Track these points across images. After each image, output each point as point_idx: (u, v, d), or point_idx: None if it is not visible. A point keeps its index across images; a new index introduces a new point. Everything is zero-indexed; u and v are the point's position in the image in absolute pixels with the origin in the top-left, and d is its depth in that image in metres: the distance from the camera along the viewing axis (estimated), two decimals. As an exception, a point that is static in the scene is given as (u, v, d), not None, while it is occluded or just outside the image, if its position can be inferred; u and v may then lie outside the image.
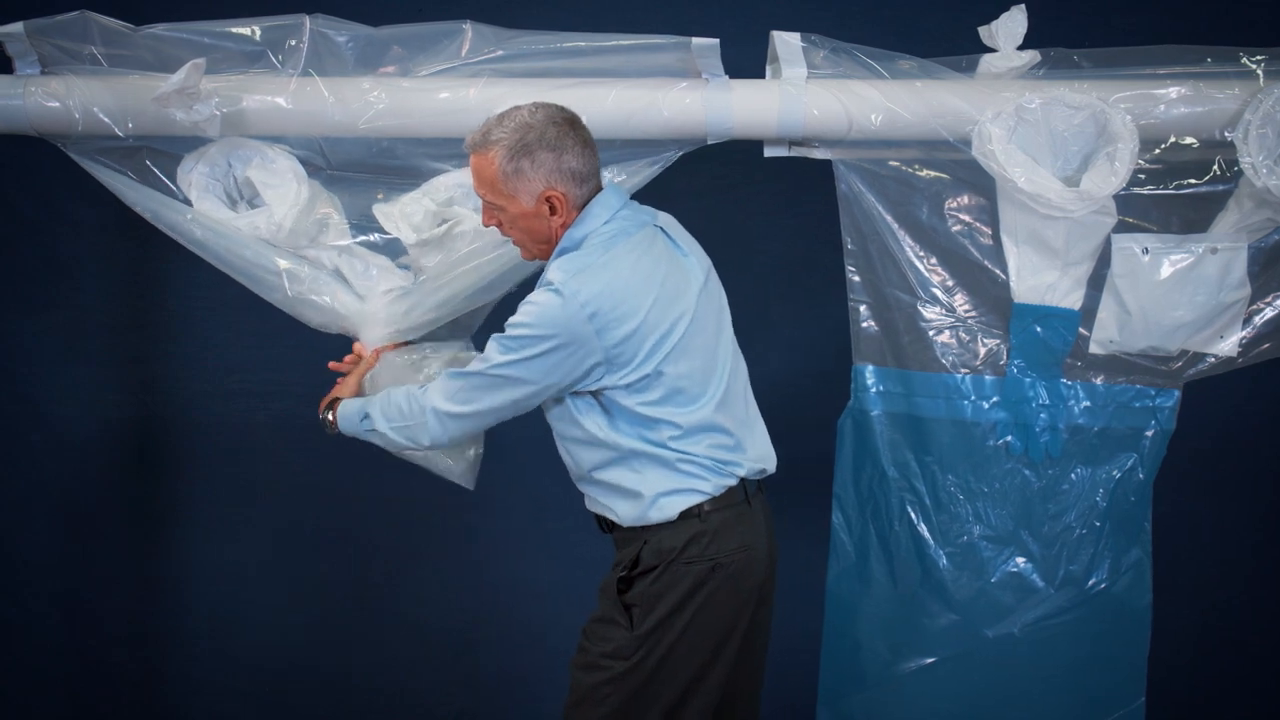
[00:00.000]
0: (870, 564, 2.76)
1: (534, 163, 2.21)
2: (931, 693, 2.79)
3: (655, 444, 2.28)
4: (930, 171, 2.62)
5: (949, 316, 2.68)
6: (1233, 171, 2.53)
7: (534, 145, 2.21)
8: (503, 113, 2.26)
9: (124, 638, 3.42)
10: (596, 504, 2.40)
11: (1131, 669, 2.79)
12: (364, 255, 2.60)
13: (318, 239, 2.60)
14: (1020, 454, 2.70)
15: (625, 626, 2.31)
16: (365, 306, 2.56)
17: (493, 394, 2.27)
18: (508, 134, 2.21)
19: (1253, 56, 2.53)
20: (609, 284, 2.19)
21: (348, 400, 2.50)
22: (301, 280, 2.55)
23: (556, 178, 2.23)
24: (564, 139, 2.23)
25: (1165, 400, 2.69)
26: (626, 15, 2.75)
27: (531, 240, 2.32)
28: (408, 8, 2.68)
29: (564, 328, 2.17)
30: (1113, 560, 2.73)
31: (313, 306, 2.57)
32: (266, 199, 2.56)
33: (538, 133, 2.21)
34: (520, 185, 2.22)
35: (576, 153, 2.24)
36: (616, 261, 2.23)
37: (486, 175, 2.24)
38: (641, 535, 2.33)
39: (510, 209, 2.26)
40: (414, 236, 2.53)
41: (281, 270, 2.54)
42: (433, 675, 3.47)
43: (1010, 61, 2.55)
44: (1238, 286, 2.60)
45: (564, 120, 2.25)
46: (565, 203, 2.25)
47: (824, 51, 2.55)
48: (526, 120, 2.22)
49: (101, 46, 2.48)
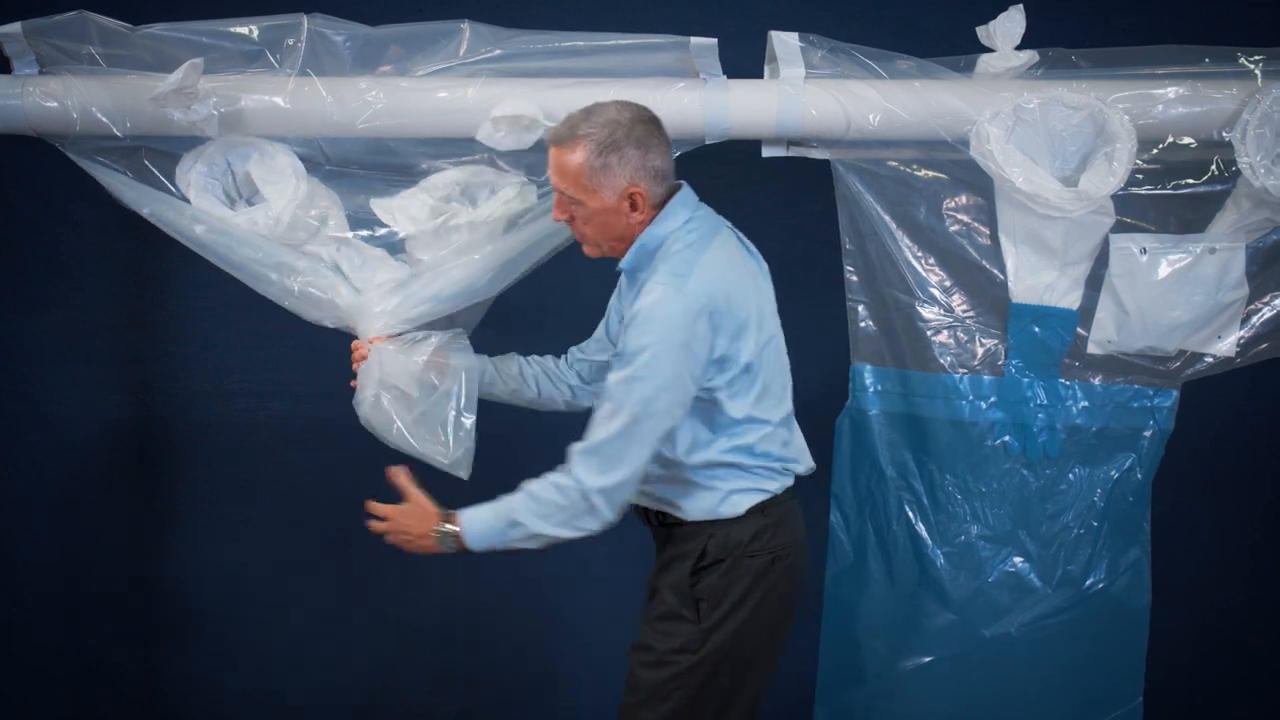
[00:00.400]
0: (868, 563, 2.77)
1: (621, 159, 2.22)
2: (929, 692, 2.79)
3: (740, 448, 2.33)
4: (928, 171, 2.62)
5: (947, 316, 2.68)
6: (1230, 171, 2.53)
7: (622, 142, 2.21)
8: (588, 108, 2.26)
9: (124, 638, 3.42)
10: (655, 500, 2.41)
11: (1129, 669, 2.79)
12: (361, 248, 2.61)
13: (317, 234, 2.60)
14: (1018, 454, 2.70)
15: (692, 620, 2.34)
16: (360, 299, 2.57)
17: (639, 438, 2.21)
18: (596, 129, 2.22)
19: (1250, 56, 2.54)
20: (719, 282, 2.23)
21: (472, 514, 2.32)
22: (300, 274, 2.54)
23: (641, 175, 2.24)
24: (650, 137, 2.25)
25: (1163, 400, 2.69)
26: (625, 15, 2.75)
27: (605, 236, 2.31)
28: (406, 7, 2.68)
29: (688, 328, 2.17)
30: (1111, 560, 2.73)
31: (310, 300, 2.56)
32: (265, 194, 2.56)
33: (625, 130, 2.22)
34: (605, 180, 2.23)
35: (660, 152, 2.26)
36: (717, 260, 2.26)
37: (571, 169, 2.23)
38: (707, 530, 2.35)
39: (590, 204, 2.25)
40: (411, 228, 2.54)
41: (279, 264, 2.54)
42: (434, 675, 3.47)
43: (1008, 61, 2.55)
44: (1236, 286, 2.60)
45: (650, 119, 2.27)
46: (646, 200, 2.26)
47: (822, 51, 2.55)
48: (614, 117, 2.23)
49: (100, 46, 2.48)
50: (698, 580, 2.35)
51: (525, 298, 2.69)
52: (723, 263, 2.27)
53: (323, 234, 2.60)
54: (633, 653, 2.42)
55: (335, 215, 2.61)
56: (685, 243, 2.27)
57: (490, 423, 2.48)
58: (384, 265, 2.60)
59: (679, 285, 2.18)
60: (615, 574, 3.37)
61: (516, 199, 2.58)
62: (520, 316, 2.86)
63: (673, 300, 2.17)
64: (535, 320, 2.97)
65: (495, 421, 2.44)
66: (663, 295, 2.18)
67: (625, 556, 3.37)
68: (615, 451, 2.20)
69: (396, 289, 2.56)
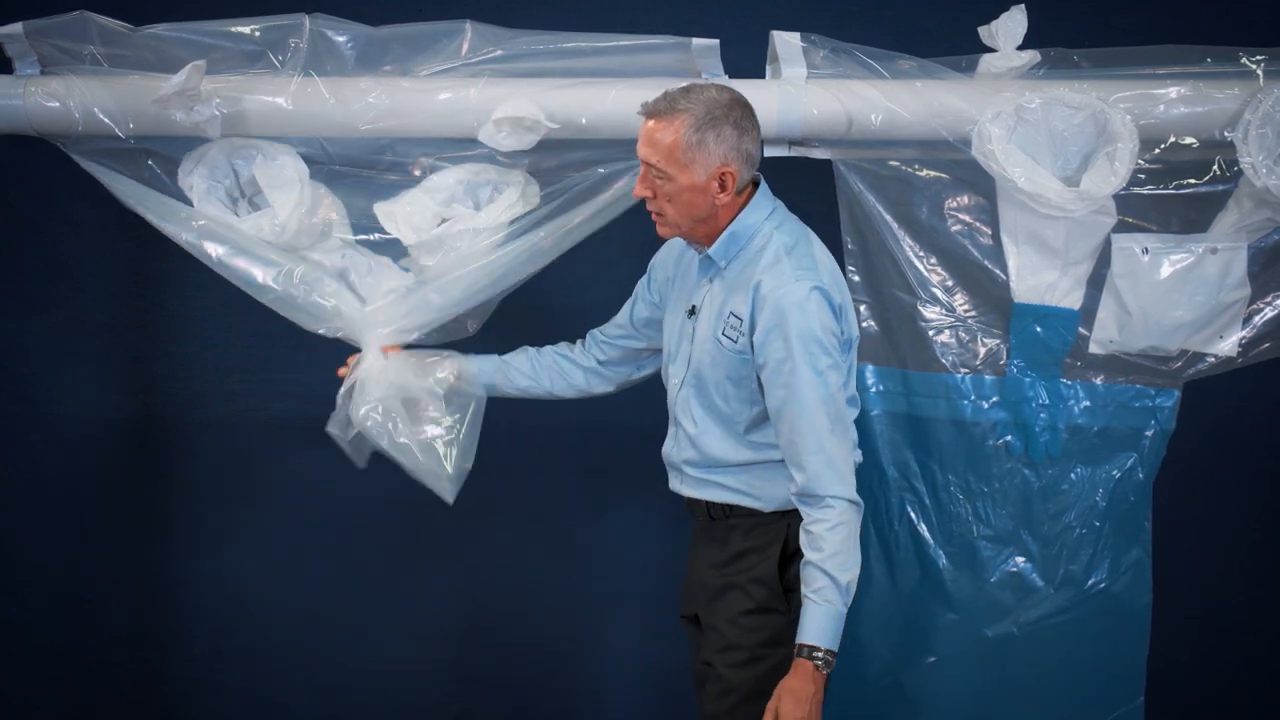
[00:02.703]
0: (870, 563, 2.76)
1: (718, 137, 2.21)
2: (931, 692, 2.79)
3: None
4: (930, 171, 2.62)
5: (949, 316, 2.68)
6: (1232, 171, 2.53)
7: (721, 120, 2.21)
8: (686, 86, 2.25)
9: (124, 638, 3.42)
10: (729, 491, 2.39)
11: (1131, 668, 2.79)
12: (367, 254, 2.61)
13: (321, 241, 2.60)
14: (1020, 454, 2.70)
15: (784, 612, 2.33)
16: (366, 309, 2.56)
17: (843, 430, 2.27)
18: (695, 105, 2.21)
19: (1252, 56, 2.54)
20: (834, 270, 2.33)
21: (817, 629, 2.21)
22: (304, 282, 2.54)
23: (735, 156, 2.23)
24: (745, 120, 2.25)
25: (1165, 400, 2.69)
26: (626, 15, 2.75)
27: (687, 216, 2.28)
28: (408, 7, 2.68)
29: (834, 318, 2.25)
30: (1112, 560, 2.73)
31: (315, 308, 2.56)
32: (270, 199, 2.56)
33: (724, 109, 2.22)
34: (699, 157, 2.21)
35: (753, 137, 2.26)
36: (822, 252, 2.34)
37: (665, 142, 2.21)
38: (785, 519, 2.35)
39: (681, 179, 2.23)
40: (414, 237, 2.54)
41: (281, 272, 2.53)
42: (433, 675, 3.46)
43: (1010, 61, 2.55)
44: (1237, 286, 2.60)
45: (746, 104, 2.27)
46: (734, 183, 2.25)
47: (824, 51, 2.55)
48: (714, 96, 2.23)
49: (101, 47, 2.48)
50: (786, 570, 2.35)
51: (526, 300, 2.70)
52: (825, 251, 2.35)
53: (328, 240, 2.60)
54: (715, 655, 2.38)
55: (339, 221, 2.61)
56: (791, 236, 2.30)
57: (491, 433, 2.47)
58: (390, 273, 2.60)
59: (813, 279, 2.23)
60: (617, 572, 3.38)
61: (520, 201, 2.57)
62: (523, 317, 2.86)
63: (813, 297, 2.21)
64: (537, 321, 2.96)
65: (498, 432, 2.41)
66: (803, 293, 2.21)
67: (626, 554, 3.38)
68: (836, 453, 2.23)
69: (404, 297, 2.56)
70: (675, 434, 2.47)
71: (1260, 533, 3.23)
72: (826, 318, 2.23)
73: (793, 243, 2.29)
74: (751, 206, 2.31)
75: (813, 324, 2.21)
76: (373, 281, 2.59)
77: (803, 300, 2.21)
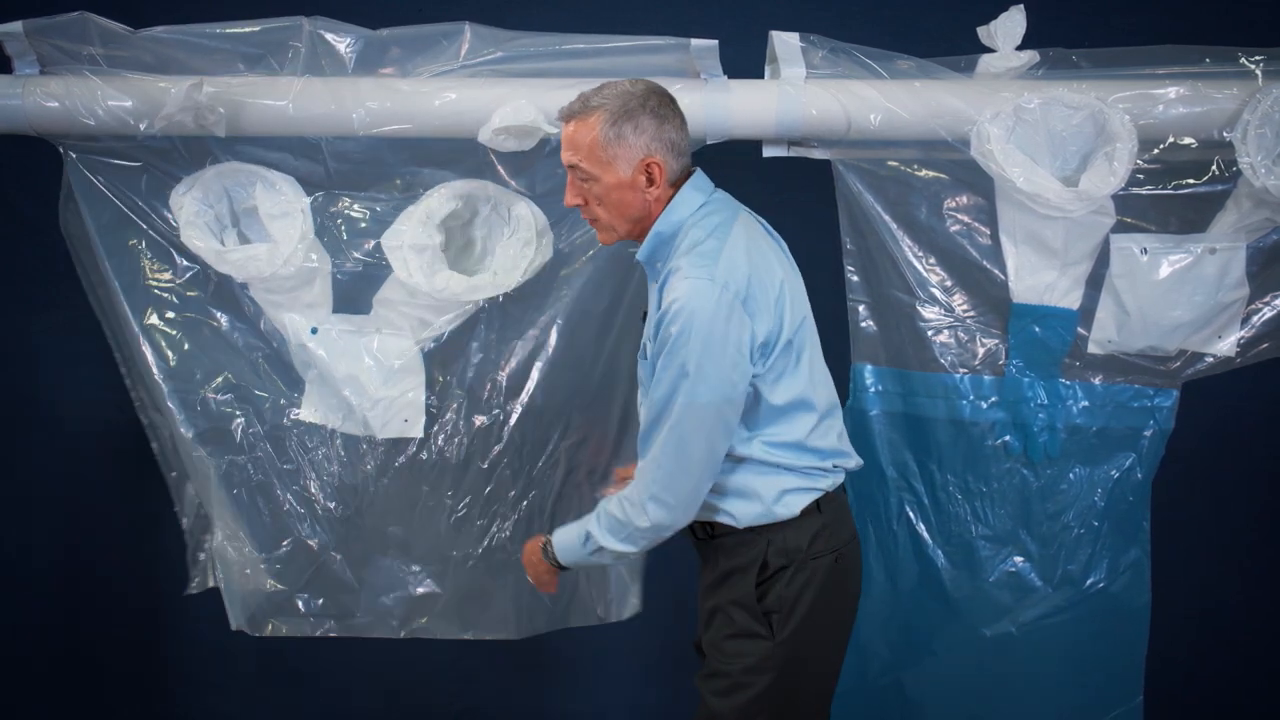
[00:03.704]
0: (869, 563, 2.77)
1: (636, 128, 2.15)
2: (930, 691, 2.80)
3: (789, 444, 2.22)
4: (929, 171, 2.62)
5: (948, 316, 2.68)
6: (1231, 171, 2.53)
7: (636, 111, 2.15)
8: (601, 84, 2.21)
9: (125, 639, 3.42)
10: (704, 510, 2.24)
11: (1129, 667, 2.80)
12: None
13: (299, 290, 2.64)
14: (1019, 454, 2.71)
15: (766, 636, 2.21)
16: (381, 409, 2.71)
17: (694, 442, 2.12)
18: (609, 100, 2.16)
19: (1251, 56, 2.53)
20: (745, 265, 2.12)
21: (561, 531, 2.33)
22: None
23: (657, 146, 2.17)
24: (665, 108, 2.19)
25: (1164, 400, 2.69)
26: (625, 16, 2.76)
27: (622, 216, 2.21)
28: (407, 9, 2.68)
29: (725, 319, 2.07)
30: (1111, 560, 2.74)
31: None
32: (270, 229, 2.58)
33: (640, 100, 2.16)
34: (620, 152, 2.15)
35: (676, 124, 2.20)
36: (739, 244, 2.16)
37: (585, 141, 2.16)
38: (764, 535, 2.22)
39: (605, 179, 2.17)
40: (424, 286, 2.58)
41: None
42: (434, 675, 3.46)
43: (1009, 62, 2.55)
44: (1236, 286, 2.61)
45: (663, 92, 2.21)
46: (663, 174, 2.18)
47: (823, 51, 2.55)
48: (628, 89, 2.17)
49: (100, 48, 2.49)
50: (765, 592, 2.22)
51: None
52: (744, 246, 2.16)
53: (306, 293, 2.64)
54: (702, 683, 2.28)
55: (321, 281, 2.65)
56: (705, 229, 2.17)
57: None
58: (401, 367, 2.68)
59: (709, 275, 2.08)
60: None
61: (537, 256, 2.61)
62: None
63: (705, 293, 2.06)
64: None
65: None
66: (693, 289, 2.07)
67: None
68: (672, 462, 2.13)
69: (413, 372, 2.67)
70: None
71: (1259, 533, 3.23)
72: (709, 317, 2.06)
73: (704, 237, 2.15)
74: (674, 205, 2.21)
75: (690, 322, 2.06)
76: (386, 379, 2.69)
77: (688, 295, 2.06)
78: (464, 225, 2.69)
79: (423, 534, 2.83)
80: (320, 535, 2.81)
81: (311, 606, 2.84)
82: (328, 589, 2.85)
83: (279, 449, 2.79)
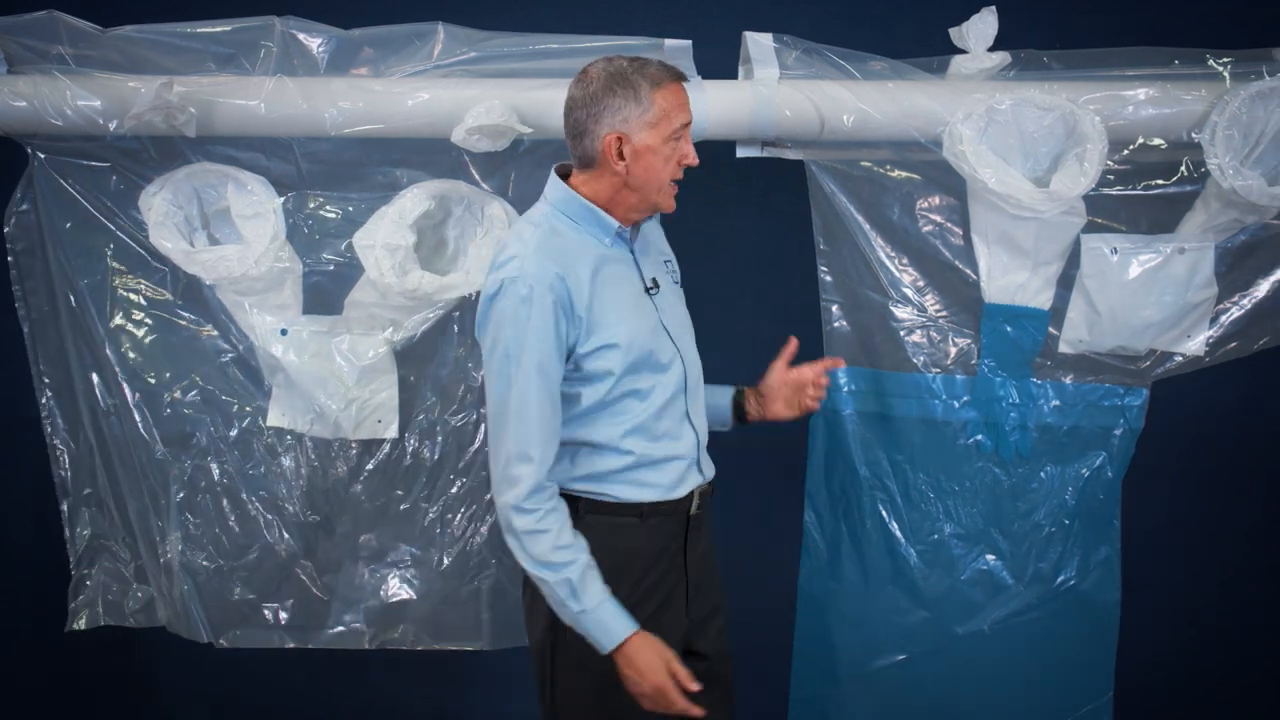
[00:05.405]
0: (842, 562, 2.78)
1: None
2: (903, 689, 2.81)
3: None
4: (902, 172, 2.63)
5: (920, 316, 2.69)
6: (1200, 173, 2.55)
7: None
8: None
9: (120, 638, 3.38)
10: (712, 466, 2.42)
11: (1100, 664, 2.82)
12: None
13: (269, 291, 2.62)
14: (990, 452, 2.72)
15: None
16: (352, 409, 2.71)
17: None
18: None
19: (1219, 59, 2.55)
20: None
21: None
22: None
23: None
24: None
25: (1134, 399, 2.71)
26: (599, 17, 2.75)
27: None
28: (381, 8, 2.66)
29: None
30: (1081, 557, 2.76)
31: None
32: (243, 230, 2.57)
33: None
34: None
35: None
36: None
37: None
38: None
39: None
40: (396, 286, 2.57)
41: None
42: (435, 674, 3.44)
43: (981, 63, 2.56)
44: (1205, 286, 2.63)
45: None
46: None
47: (796, 52, 2.56)
48: None
49: (69, 47, 2.47)
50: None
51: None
52: None
53: (275, 296, 2.63)
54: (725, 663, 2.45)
55: (292, 282, 2.64)
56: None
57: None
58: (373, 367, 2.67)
59: None
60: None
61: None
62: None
63: None
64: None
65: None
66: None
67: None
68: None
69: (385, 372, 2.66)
70: (689, 430, 2.31)
71: (1227, 529, 3.26)
72: None
73: None
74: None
75: None
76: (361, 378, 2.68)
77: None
78: (437, 225, 2.68)
79: (395, 537, 2.82)
80: (289, 541, 2.79)
81: (280, 617, 2.83)
82: (297, 597, 2.83)
83: (246, 453, 2.76)
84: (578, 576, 2.11)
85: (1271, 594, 3.30)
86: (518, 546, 2.14)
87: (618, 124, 2.10)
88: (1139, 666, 3.05)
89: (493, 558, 2.83)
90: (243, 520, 2.78)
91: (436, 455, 2.78)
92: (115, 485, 2.80)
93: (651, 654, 2.13)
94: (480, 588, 2.84)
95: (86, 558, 2.86)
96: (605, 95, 2.09)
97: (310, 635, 2.84)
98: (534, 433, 2.11)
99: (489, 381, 2.13)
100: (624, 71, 2.10)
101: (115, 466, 2.78)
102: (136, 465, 2.75)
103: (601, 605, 2.12)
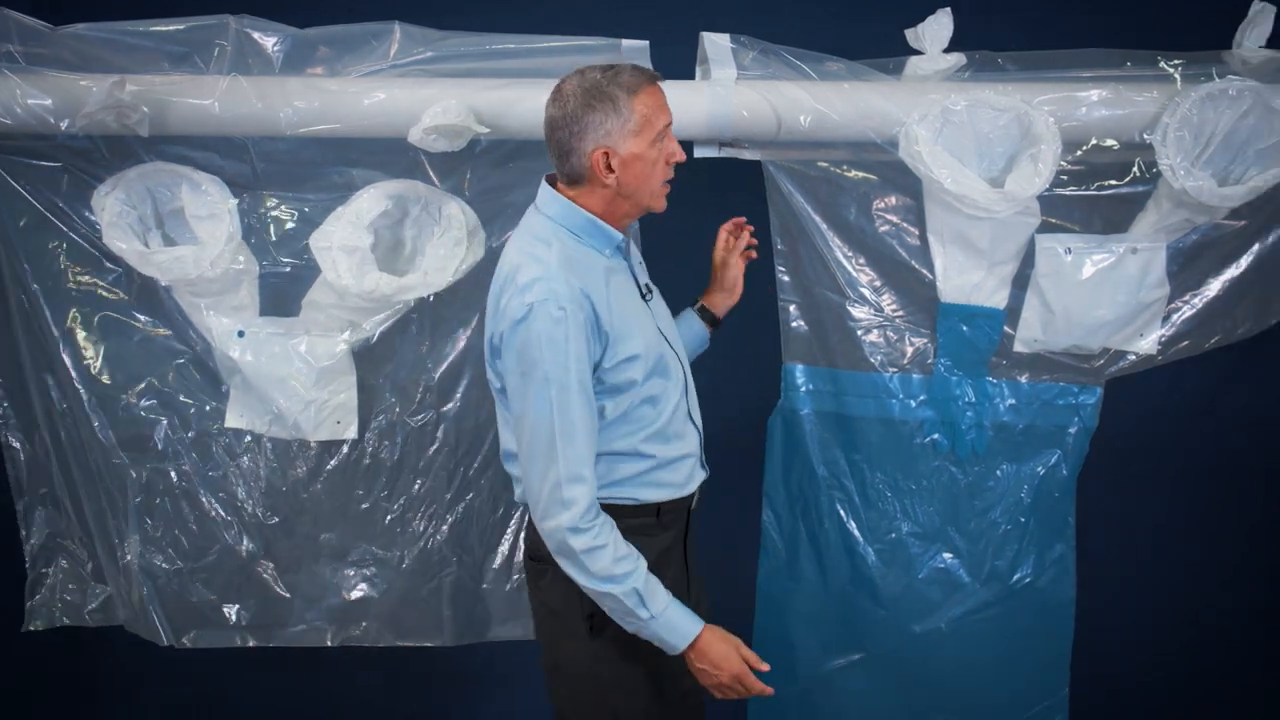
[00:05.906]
0: (800, 561, 2.79)
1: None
2: (861, 687, 2.82)
3: None
4: (858, 172, 2.64)
5: (877, 316, 2.70)
6: (1152, 173, 2.58)
7: None
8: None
9: (117, 639, 3.34)
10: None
11: (1055, 661, 2.84)
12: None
13: (225, 293, 2.61)
14: (947, 451, 2.74)
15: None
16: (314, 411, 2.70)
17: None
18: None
19: (1170, 61, 2.57)
20: None
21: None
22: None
23: None
24: None
25: (1088, 398, 2.73)
26: (556, 17, 2.74)
27: None
28: (338, 8, 2.65)
29: None
30: (1037, 555, 2.78)
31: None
32: (198, 232, 2.55)
33: None
34: None
35: None
36: None
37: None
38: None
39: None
40: (354, 288, 2.55)
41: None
42: (434, 674, 3.42)
43: (936, 64, 2.57)
44: (1157, 285, 2.65)
45: None
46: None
47: (753, 53, 2.56)
48: None
49: (19, 44, 2.44)
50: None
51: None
52: None
53: (232, 297, 2.62)
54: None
55: (249, 283, 2.63)
56: None
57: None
58: (331, 368, 2.66)
59: None
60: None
61: (469, 254, 2.60)
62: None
63: None
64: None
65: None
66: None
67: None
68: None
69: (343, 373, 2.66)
70: (692, 428, 2.34)
71: (1180, 527, 3.29)
72: None
73: None
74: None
75: None
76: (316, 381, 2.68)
77: None
78: (394, 225, 2.67)
79: (356, 537, 2.80)
80: (248, 542, 2.77)
81: (240, 616, 2.81)
82: (257, 597, 2.81)
83: (204, 455, 2.74)
84: (643, 584, 2.12)
85: (1226, 586, 3.33)
86: (577, 567, 2.12)
87: (601, 139, 2.09)
88: (1094, 663, 3.07)
89: (453, 556, 2.82)
90: (201, 522, 2.76)
91: (396, 455, 2.77)
92: (72, 486, 2.77)
93: (724, 644, 2.17)
94: (441, 585, 2.84)
95: (43, 557, 2.83)
96: (585, 112, 2.08)
97: (272, 634, 2.82)
98: (583, 452, 2.09)
99: (526, 407, 2.08)
100: (599, 85, 2.08)
101: (71, 468, 2.75)
102: (93, 467, 2.73)
103: (669, 607, 2.14)
